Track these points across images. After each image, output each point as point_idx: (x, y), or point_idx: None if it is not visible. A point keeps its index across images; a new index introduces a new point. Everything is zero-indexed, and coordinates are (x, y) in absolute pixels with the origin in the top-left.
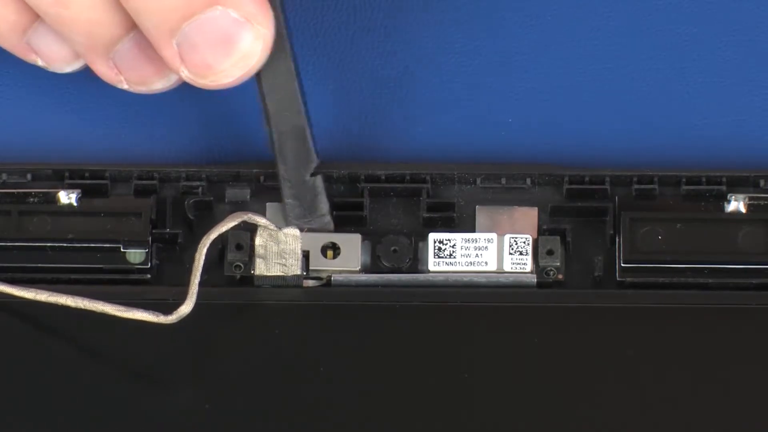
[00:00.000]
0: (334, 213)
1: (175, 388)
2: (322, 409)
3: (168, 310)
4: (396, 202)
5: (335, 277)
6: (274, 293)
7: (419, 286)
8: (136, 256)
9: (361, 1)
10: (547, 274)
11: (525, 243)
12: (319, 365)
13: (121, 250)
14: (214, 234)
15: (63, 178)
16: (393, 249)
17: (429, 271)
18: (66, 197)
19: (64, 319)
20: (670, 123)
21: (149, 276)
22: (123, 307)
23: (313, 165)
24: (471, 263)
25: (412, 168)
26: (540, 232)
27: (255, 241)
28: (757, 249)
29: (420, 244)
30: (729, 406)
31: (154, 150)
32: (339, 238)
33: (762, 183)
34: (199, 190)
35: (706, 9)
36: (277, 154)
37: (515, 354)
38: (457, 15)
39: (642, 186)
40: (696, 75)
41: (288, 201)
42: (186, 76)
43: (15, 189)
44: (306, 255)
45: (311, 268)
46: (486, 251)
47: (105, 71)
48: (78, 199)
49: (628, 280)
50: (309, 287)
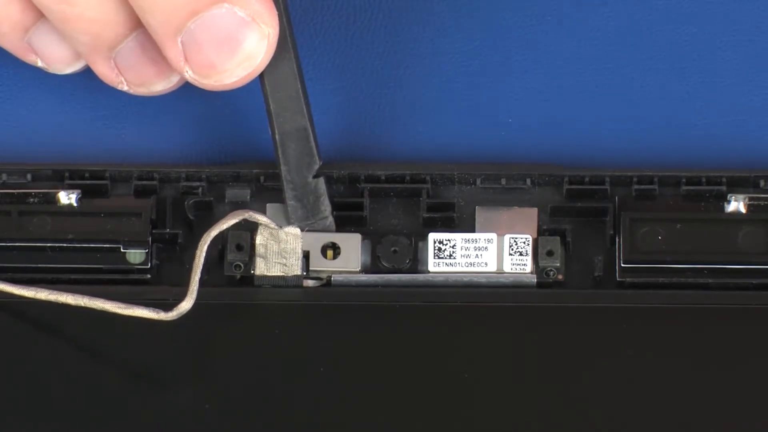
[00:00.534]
0: (334, 213)
1: (176, 387)
2: (322, 409)
3: (168, 308)
4: (396, 202)
5: (335, 277)
6: (274, 293)
7: (419, 286)
8: (136, 256)
9: (362, 2)
10: (547, 274)
11: (525, 243)
12: (319, 365)
13: (121, 250)
14: (214, 231)
15: (63, 178)
16: (393, 249)
17: (429, 272)
18: (66, 197)
19: (64, 319)
20: (670, 123)
21: (149, 276)
22: (123, 305)
23: (316, 166)
24: (471, 264)
25: (412, 168)
26: (540, 232)
27: (255, 240)
28: (757, 249)
29: (420, 244)
30: (729, 406)
31: (154, 150)
32: (339, 238)
33: (762, 183)
34: (199, 190)
35: (706, 9)
36: (280, 155)
37: (515, 354)
38: (457, 15)
39: (642, 186)
40: (696, 75)
41: (290, 203)
42: (190, 76)
43: (15, 189)
44: (306, 255)
45: (311, 268)
46: (486, 252)
47: (106, 72)
48: (78, 200)
49: (628, 280)
50: (309, 287)
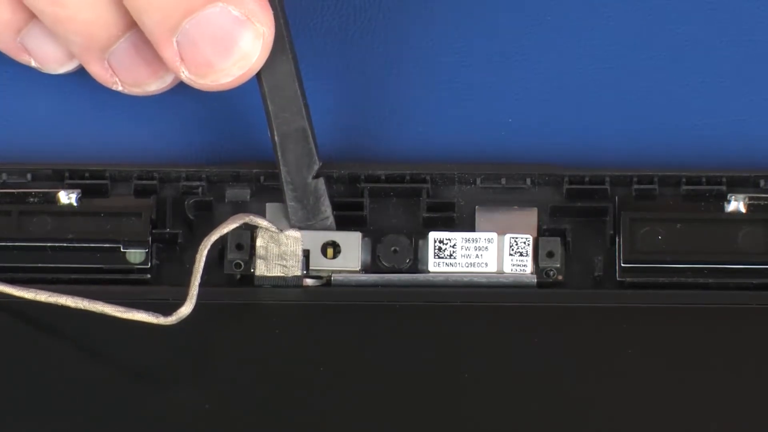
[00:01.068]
0: (334, 213)
1: (175, 388)
2: (322, 409)
3: (168, 310)
4: (396, 202)
5: (335, 277)
6: (274, 293)
7: (419, 286)
8: (136, 256)
9: (362, 2)
10: (547, 274)
11: (525, 243)
12: (319, 365)
13: (121, 250)
14: (215, 236)
15: (63, 178)
16: (393, 249)
17: (429, 271)
18: (66, 197)
19: (64, 320)
20: (670, 123)
21: (149, 276)
22: (122, 308)
23: (316, 167)
24: (471, 263)
25: (412, 168)
26: (540, 232)
27: (256, 242)
28: (757, 249)
29: (420, 243)
30: (729, 406)
31: (154, 150)
32: (339, 236)
33: (762, 183)
34: (199, 190)
35: (706, 9)
36: (279, 156)
37: (515, 354)
38: (457, 15)
39: (642, 186)
40: (696, 75)
41: (290, 204)
42: (186, 76)
43: (15, 189)
44: (306, 254)
45: (311, 267)
46: (486, 251)
47: (100, 72)
48: (78, 199)
49: (628, 280)
50: (309, 287)
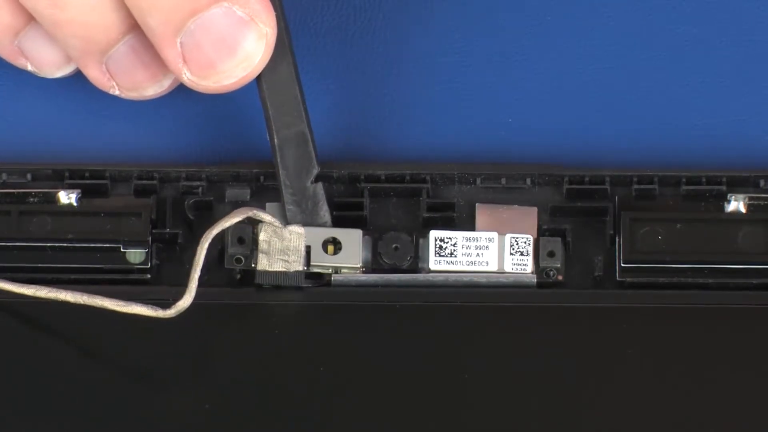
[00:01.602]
0: (334, 213)
1: (176, 387)
2: (322, 409)
3: (167, 306)
4: (396, 202)
5: (335, 277)
6: (274, 293)
7: (419, 286)
8: (136, 256)
9: (362, 2)
10: (548, 274)
11: (526, 243)
12: (319, 365)
13: (121, 250)
14: (217, 228)
15: (63, 178)
16: (394, 246)
17: (430, 270)
18: (66, 197)
19: (64, 320)
20: (670, 123)
21: (149, 276)
22: (122, 302)
23: (315, 171)
24: (472, 262)
25: (412, 168)
26: (540, 232)
27: (259, 237)
28: (757, 249)
29: (421, 241)
30: (729, 406)
31: (154, 150)
32: (340, 233)
33: (762, 183)
34: (199, 190)
35: (706, 9)
36: (278, 160)
37: (515, 354)
38: (457, 15)
39: (642, 186)
40: (696, 75)
41: (289, 207)
42: (188, 78)
43: (15, 189)
44: (307, 250)
45: (312, 263)
46: (487, 250)
47: (97, 76)
48: (78, 199)
49: (628, 280)
50: (309, 287)
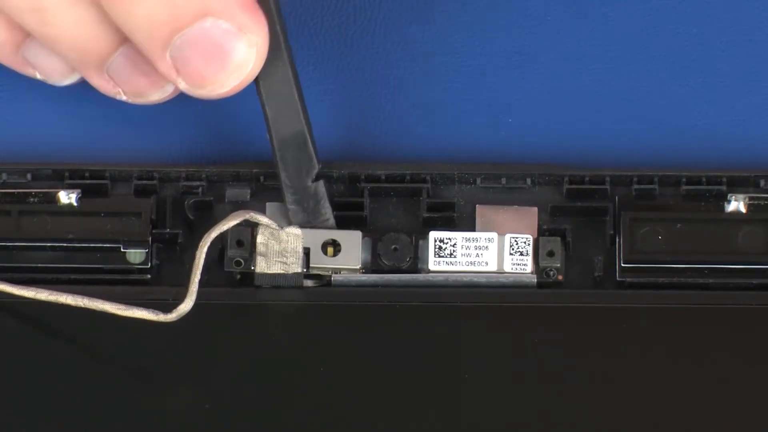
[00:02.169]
0: (334, 213)
1: (176, 388)
2: (322, 410)
3: (168, 309)
4: (396, 201)
5: (335, 277)
6: (274, 293)
7: (419, 286)
8: (136, 256)
9: (362, 2)
10: (548, 274)
11: (526, 243)
12: (319, 365)
13: (121, 250)
14: (215, 232)
15: (63, 178)
16: (393, 247)
17: (429, 271)
18: (66, 197)
19: (64, 320)
20: (670, 123)
21: (149, 276)
22: (123, 306)
23: (315, 171)
24: (471, 263)
25: (412, 168)
26: (540, 232)
27: (256, 239)
28: (757, 249)
29: (421, 242)
30: (729, 406)
31: (154, 150)
32: (339, 235)
33: (762, 183)
34: (199, 190)
35: (706, 9)
36: (278, 160)
37: (515, 354)
38: (457, 15)
39: (642, 186)
40: (696, 75)
41: (291, 207)
42: (183, 87)
43: (15, 189)
44: (306, 252)
45: (312, 265)
46: (487, 251)
47: (101, 84)
48: (78, 199)
49: (628, 280)
50: (309, 287)
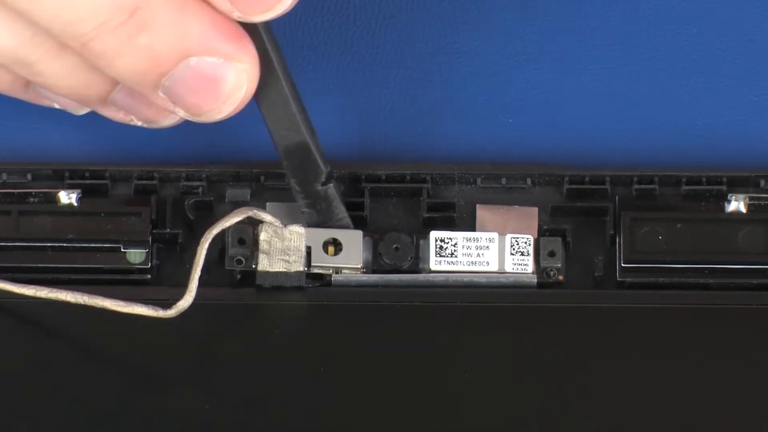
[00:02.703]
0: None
1: (176, 387)
2: (322, 409)
3: (167, 307)
4: (396, 201)
5: (336, 277)
6: (274, 293)
7: (419, 286)
8: (136, 256)
9: (361, 2)
10: (548, 274)
11: (526, 243)
12: (319, 365)
13: (122, 250)
14: (217, 228)
15: (63, 178)
16: (395, 247)
17: (430, 270)
18: (66, 197)
19: (64, 319)
20: (670, 123)
21: (149, 276)
22: (122, 303)
23: (323, 176)
24: (472, 263)
25: (412, 168)
26: (540, 232)
27: (259, 237)
28: (757, 249)
29: (422, 242)
30: (729, 406)
31: (154, 150)
32: (340, 234)
33: (762, 183)
34: (200, 190)
35: (706, 9)
36: (285, 168)
37: (516, 354)
38: (457, 15)
39: (642, 186)
40: (696, 75)
41: (303, 210)
42: (183, 115)
43: (15, 189)
44: (308, 251)
45: (313, 263)
46: (487, 251)
47: (112, 115)
48: (78, 199)
49: (628, 280)
50: (309, 287)
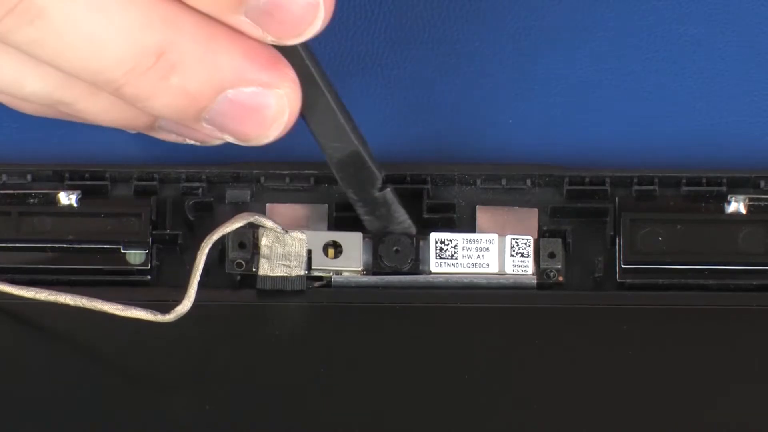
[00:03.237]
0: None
1: (176, 388)
2: (322, 411)
3: (167, 310)
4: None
5: (336, 279)
6: (274, 295)
7: (419, 287)
8: (136, 256)
9: (362, 2)
10: (548, 275)
11: (526, 244)
12: (320, 366)
13: (122, 250)
14: (217, 234)
15: (63, 178)
16: (395, 249)
17: (431, 272)
18: (66, 198)
19: (64, 322)
20: (670, 123)
21: (149, 277)
22: (121, 306)
23: (378, 182)
24: (473, 264)
25: (412, 168)
26: (540, 233)
27: (260, 242)
28: (758, 250)
29: (422, 243)
30: (729, 406)
31: (154, 150)
32: (340, 236)
33: (762, 184)
34: (200, 190)
35: (706, 9)
36: (340, 180)
37: (516, 355)
38: (457, 15)
39: (642, 187)
40: (696, 75)
41: (364, 218)
42: (232, 141)
43: (15, 190)
44: (308, 254)
45: (313, 266)
46: (488, 252)
47: (164, 137)
48: (78, 200)
49: (628, 281)
50: (310, 288)
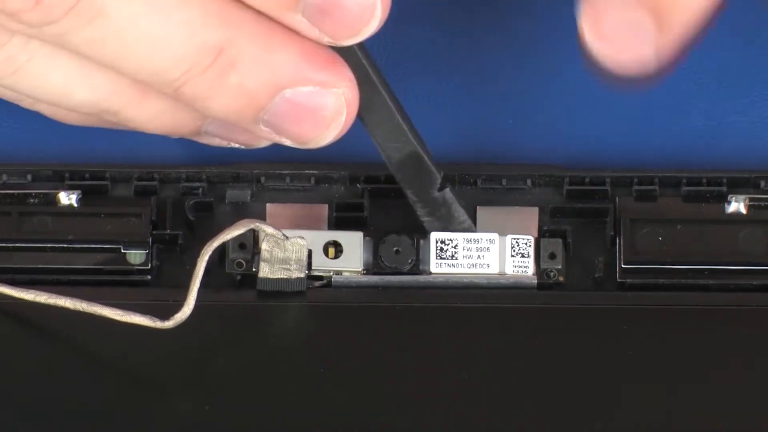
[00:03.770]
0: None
1: (176, 390)
2: (322, 411)
3: (167, 312)
4: (396, 202)
5: (336, 278)
6: (274, 295)
7: (420, 287)
8: (136, 256)
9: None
10: (548, 275)
11: (527, 244)
12: (320, 366)
13: (122, 250)
14: (218, 241)
15: (63, 178)
16: (395, 249)
17: (431, 272)
18: (66, 198)
19: (64, 322)
20: (670, 123)
21: (149, 277)
22: (120, 311)
23: (438, 181)
24: (473, 264)
25: None
26: (540, 233)
27: (261, 246)
28: (758, 250)
29: (422, 243)
30: (730, 406)
31: (154, 150)
32: (340, 236)
33: (762, 184)
34: (200, 190)
35: None
36: (400, 181)
37: (516, 355)
38: (457, 15)
39: (642, 187)
40: (696, 75)
41: (425, 219)
42: (289, 144)
43: (15, 190)
44: (308, 255)
45: (313, 267)
46: (488, 252)
47: (208, 141)
48: (78, 200)
49: (628, 281)
50: (310, 288)
